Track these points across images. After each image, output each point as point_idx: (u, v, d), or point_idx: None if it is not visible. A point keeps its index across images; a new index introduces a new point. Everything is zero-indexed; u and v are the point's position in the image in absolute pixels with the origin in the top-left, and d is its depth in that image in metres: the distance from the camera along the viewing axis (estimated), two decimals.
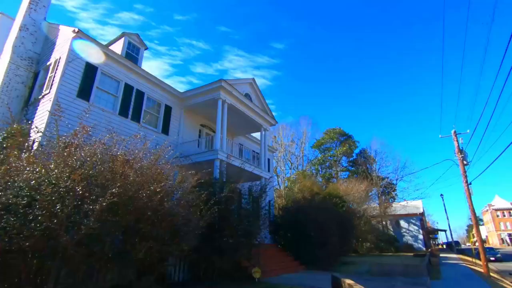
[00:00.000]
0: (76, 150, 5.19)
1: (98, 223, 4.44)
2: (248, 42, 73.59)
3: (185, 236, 6.31)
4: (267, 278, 9.67)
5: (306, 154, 44.24)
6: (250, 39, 74.30)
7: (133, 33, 13.07)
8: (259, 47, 74.10)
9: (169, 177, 6.81)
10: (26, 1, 11.61)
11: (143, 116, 11.88)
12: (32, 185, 4.38)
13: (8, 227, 3.93)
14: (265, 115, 15.88)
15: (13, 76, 10.35)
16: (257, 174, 13.89)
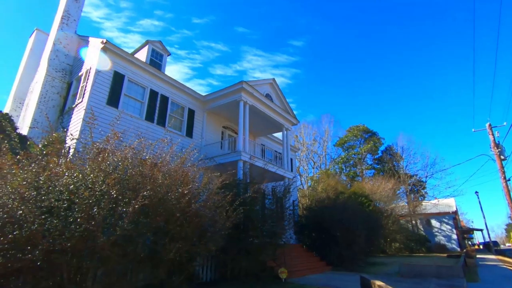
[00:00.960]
0: (108, 155, 5.48)
1: (132, 224, 4.67)
2: (266, 42, 73.61)
3: (212, 237, 6.45)
4: (293, 278, 9.64)
5: (329, 153, 43.53)
6: (268, 38, 74.24)
7: (156, 41, 13.53)
8: (277, 46, 73.87)
9: (195, 179, 7.00)
10: (58, 17, 12.40)
11: (168, 120, 12.28)
12: (71, 189, 4.68)
13: (52, 229, 4.24)
14: (286, 115, 15.83)
15: (49, 87, 11.09)
16: (280, 174, 13.88)
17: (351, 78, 74.02)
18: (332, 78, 75.12)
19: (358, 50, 72.13)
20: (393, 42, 68.41)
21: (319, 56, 74.84)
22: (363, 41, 70.63)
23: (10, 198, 4.26)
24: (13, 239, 4.09)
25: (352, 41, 71.76)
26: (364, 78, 72.88)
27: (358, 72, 73.20)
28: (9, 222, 4.10)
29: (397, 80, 70.67)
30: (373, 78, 72.17)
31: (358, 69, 72.98)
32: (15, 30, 53.13)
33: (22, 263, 4.15)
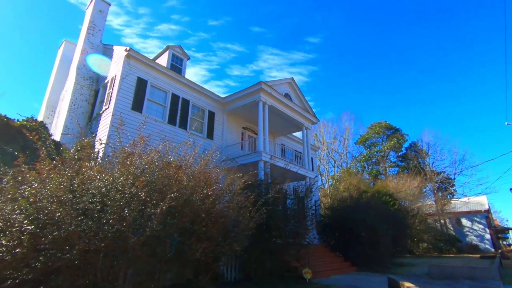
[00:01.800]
0: (136, 159, 5.71)
1: (160, 225, 4.84)
2: (281, 40, 73.04)
3: (236, 237, 6.54)
4: (317, 279, 9.56)
5: (350, 151, 42.59)
6: (284, 37, 73.62)
7: (176, 46, 13.88)
8: (294, 44, 73.05)
9: (218, 180, 7.12)
10: (85, 28, 13.03)
11: (189, 123, 12.56)
12: (103, 192, 4.92)
13: (87, 230, 4.48)
14: (306, 114, 15.71)
15: (78, 95, 11.68)
16: (302, 174, 13.81)
17: (371, 74, 72.04)
18: (351, 74, 73.42)
19: (377, 43, 70.07)
20: (414, 34, 65.82)
21: (336, 52, 73.43)
22: (383, 34, 68.50)
23: (49, 201, 4.54)
24: (53, 239, 4.36)
25: (370, 35, 69.82)
26: (384, 73, 70.69)
27: (378, 67, 71.12)
28: (49, 223, 4.38)
29: (420, 73, 67.93)
30: (394, 72, 69.84)
31: (378, 64, 70.91)
32: (46, 43, 56.29)
33: (61, 262, 4.42)
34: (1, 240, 4.26)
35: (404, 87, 68.94)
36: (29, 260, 4.37)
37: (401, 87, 68.81)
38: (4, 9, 47.96)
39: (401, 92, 69.32)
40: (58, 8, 57.39)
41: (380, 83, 70.86)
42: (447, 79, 64.37)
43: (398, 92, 69.85)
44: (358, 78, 72.76)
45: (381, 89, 70.52)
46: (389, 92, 69.92)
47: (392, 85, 69.67)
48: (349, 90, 72.35)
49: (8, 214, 4.43)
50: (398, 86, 69.50)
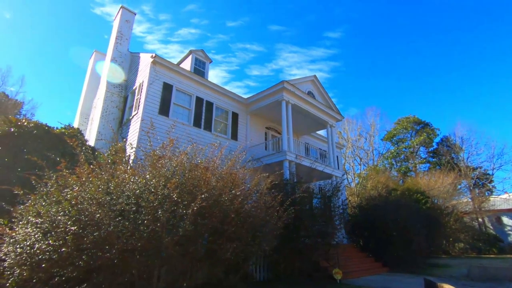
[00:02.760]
0: (166, 161, 5.90)
1: (192, 225, 4.96)
2: (300, 37, 71.95)
3: (265, 237, 6.55)
4: (348, 279, 9.35)
5: (377, 148, 41.19)
6: (303, 34, 72.47)
7: (199, 50, 14.18)
8: (313, 40, 71.72)
9: (245, 180, 7.18)
10: (113, 38, 13.67)
11: (213, 125, 12.78)
12: (137, 194, 5.13)
13: (124, 230, 4.69)
14: (330, 111, 15.43)
15: (109, 102, 12.28)
16: (328, 173, 13.58)
17: (395, 66, 69.05)
18: (374, 68, 70.81)
19: (402, 34, 67.04)
20: (441, 20, 62.12)
21: (358, 46, 71.19)
22: (407, 24, 65.45)
23: (89, 203, 4.81)
24: (94, 239, 4.62)
25: (394, 26, 66.98)
26: (410, 65, 67.48)
27: (403, 59, 68.03)
28: (90, 224, 4.64)
29: (450, 63, 64.10)
30: (421, 64, 66.50)
31: (403, 56, 67.83)
32: (78, 54, 59.73)
33: (102, 260, 4.66)
34: (49, 240, 4.57)
35: (432, 78, 65.50)
36: (73, 259, 4.66)
37: (429, 78, 65.42)
38: (37, 24, 51.49)
39: (430, 84, 65.90)
40: (86, 20, 60.65)
41: (406, 76, 67.82)
42: (479, 67, 60.28)
43: (426, 85, 66.48)
44: (382, 71, 70.08)
45: (408, 82, 67.43)
46: (416, 85, 66.72)
47: (419, 77, 66.44)
48: (373, 85, 69.91)
49: (54, 216, 4.74)
50: (426, 78, 66.14)
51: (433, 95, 64.98)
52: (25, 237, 4.76)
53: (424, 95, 65.65)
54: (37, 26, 50.95)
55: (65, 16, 56.63)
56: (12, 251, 4.80)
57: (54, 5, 53.84)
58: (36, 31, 50.95)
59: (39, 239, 4.70)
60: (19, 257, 4.72)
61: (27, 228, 4.88)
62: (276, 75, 72.48)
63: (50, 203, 4.96)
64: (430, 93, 65.23)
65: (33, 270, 4.76)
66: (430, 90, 65.34)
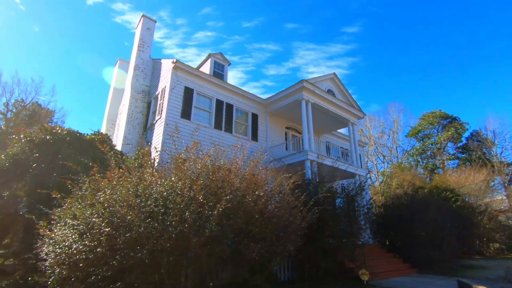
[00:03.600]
0: (191, 164, 6.05)
1: (218, 226, 5.06)
2: (317, 34, 70.67)
3: (289, 237, 6.54)
4: (376, 280, 9.13)
5: (401, 145, 39.84)
6: (319, 30, 71.12)
7: (217, 53, 14.40)
8: (330, 36, 70.26)
9: (267, 181, 7.21)
10: (136, 45, 14.19)
11: (234, 127, 12.92)
12: (164, 196, 5.31)
13: (153, 231, 4.87)
14: (351, 109, 15.13)
15: (134, 108, 12.76)
16: (351, 172, 13.34)
17: (417, 60, 66.26)
18: (395, 61, 68.25)
19: (423, 26, 64.25)
20: (467, 7, 58.76)
21: (377, 40, 68.98)
22: (428, 14, 62.61)
23: (120, 206, 5.04)
24: (125, 240, 4.83)
25: (414, 17, 64.26)
26: (434, 57, 64.48)
27: (425, 51, 65.15)
28: (122, 226, 4.85)
29: (478, 54, 60.59)
30: (445, 56, 63.39)
31: (426, 48, 64.98)
32: (105, 63, 62.50)
33: (134, 260, 4.86)
34: (85, 241, 4.84)
35: (459, 70, 62.29)
36: (107, 258, 4.90)
37: (455, 71, 62.27)
38: (63, 35, 54.35)
39: (456, 76, 62.71)
40: (108, 29, 63.23)
41: (430, 69, 64.93)
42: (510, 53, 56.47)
43: (452, 77, 63.32)
44: (403, 65, 67.51)
45: (432, 76, 64.53)
46: (441, 78, 63.73)
47: (444, 70, 63.40)
48: (394, 80, 67.54)
49: (88, 218, 5.01)
50: (452, 70, 63.00)
51: (460, 88, 61.84)
52: (64, 238, 5.07)
53: (450, 88, 62.62)
54: (64, 37, 53.83)
55: (89, 27, 59.40)
56: (52, 251, 5.12)
57: (79, 17, 56.66)
58: (63, 42, 53.85)
59: (76, 240, 4.98)
60: (58, 257, 5.03)
61: (65, 229, 5.18)
62: (293, 74, 71.83)
63: (85, 205, 5.25)
64: (457, 86, 62.12)
65: (71, 269, 5.05)
66: (457, 83, 62.23)
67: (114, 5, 55.83)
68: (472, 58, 60.90)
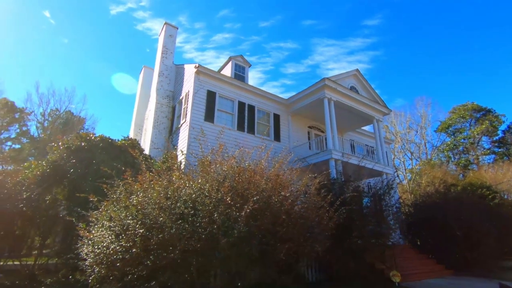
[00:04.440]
0: (217, 166, 6.18)
1: (246, 227, 5.14)
2: (336, 29, 68.88)
3: (317, 238, 6.50)
4: (408, 282, 8.82)
5: (429, 140, 38.05)
6: (338, 25, 69.25)
7: (238, 55, 14.57)
8: (350, 30, 68.28)
9: (293, 181, 7.20)
10: (159, 52, 14.69)
11: (256, 128, 13.00)
12: (193, 198, 5.47)
13: (184, 232, 5.04)
14: (376, 105, 14.71)
15: (160, 113, 13.21)
16: (378, 170, 12.97)
17: (444, 50, 62.84)
18: (419, 54, 65.03)
19: (448, 13, 60.80)
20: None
21: (400, 31, 66.17)
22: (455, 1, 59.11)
23: (152, 208, 5.25)
24: (158, 241, 5.03)
25: (440, 3, 60.98)
26: (462, 47, 60.80)
27: (452, 40, 61.58)
28: (155, 227, 5.06)
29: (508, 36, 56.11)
30: (476, 43, 59.57)
31: (452, 37, 61.42)
32: (129, 70, 65.13)
33: (166, 260, 5.05)
34: (121, 241, 5.09)
35: (492, 58, 58.35)
36: (141, 258, 5.12)
37: (488, 58, 58.39)
38: (92, 45, 57.21)
39: (489, 65, 58.78)
40: (130, 36, 65.71)
41: (457, 60, 61.43)
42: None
43: (484, 67, 59.44)
44: (428, 57, 64.29)
45: (460, 66, 61.02)
46: (471, 68, 60.09)
47: (474, 60, 59.72)
48: (420, 72, 64.53)
49: (123, 220, 5.27)
50: (484, 58, 59.13)
51: (494, 78, 57.98)
52: (101, 239, 5.37)
53: (483, 79, 58.87)
54: (90, 47, 56.70)
55: (113, 35, 62.09)
56: (92, 251, 5.44)
57: (103, 27, 59.48)
58: (89, 51, 56.74)
59: (112, 240, 5.26)
60: (97, 257, 5.34)
61: (102, 231, 5.49)
62: (313, 71, 70.75)
63: (120, 208, 5.52)
64: (490, 76, 58.30)
65: (109, 268, 5.34)
66: (490, 72, 58.39)
67: (135, 13, 58.01)
68: (507, 43, 56.83)
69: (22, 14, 44.76)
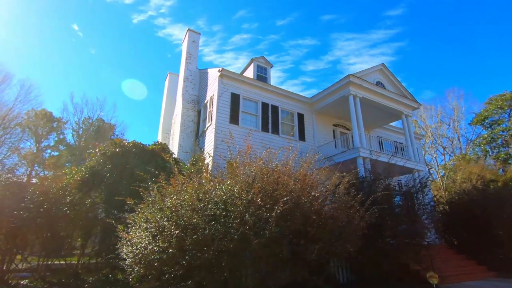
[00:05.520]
0: (245, 168, 6.28)
1: (277, 228, 5.18)
2: (356, 22, 66.54)
3: (348, 238, 6.40)
4: (447, 284, 8.42)
5: (464, 134, 35.95)
6: (358, 18, 66.81)
7: (259, 57, 14.68)
8: (371, 23, 65.73)
9: (321, 181, 7.14)
10: (183, 58, 15.13)
11: (280, 128, 13.00)
12: (224, 199, 5.61)
13: (217, 233, 5.18)
14: (404, 100, 14.19)
15: (186, 117, 13.61)
16: (410, 167, 12.49)
17: (474, 37, 58.79)
18: (447, 42, 61.34)
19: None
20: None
21: (426, 19, 62.51)
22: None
23: (186, 210, 5.45)
24: (192, 241, 5.21)
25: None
26: (496, 30, 56.46)
27: (483, 26, 57.41)
28: (189, 228, 5.24)
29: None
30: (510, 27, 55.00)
31: (484, 22, 57.23)
32: (155, 78, 67.44)
33: (201, 260, 5.21)
34: (158, 242, 5.33)
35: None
36: (177, 258, 5.33)
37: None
38: (118, 55, 59.93)
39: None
40: (153, 43, 67.96)
41: (491, 45, 57.21)
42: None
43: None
44: (459, 44, 60.47)
45: (495, 52, 56.81)
46: (509, 53, 55.71)
47: (509, 44, 55.29)
48: (450, 62, 61.04)
49: (159, 221, 5.51)
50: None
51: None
52: (140, 240, 5.64)
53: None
54: (116, 56, 59.43)
55: (136, 43, 64.52)
56: (131, 252, 5.74)
57: (126, 36, 62.04)
58: (115, 60, 59.48)
59: (149, 241, 5.51)
60: (136, 257, 5.62)
61: (140, 232, 5.77)
62: (333, 67, 69.25)
63: (155, 210, 5.78)
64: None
65: (147, 268, 5.60)
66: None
67: (156, 21, 59.93)
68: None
69: (53, 30, 47.99)
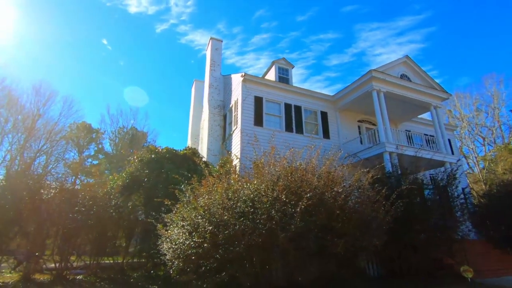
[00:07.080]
0: (270, 167, 6.69)
1: (302, 222, 5.52)
2: (380, 10, 63.34)
3: (374, 232, 6.55)
4: (483, 279, 8.21)
5: (505, 122, 33.41)
6: (382, 5, 63.49)
7: (280, 59, 15.00)
8: (396, 9, 62.24)
9: (344, 177, 7.35)
10: (208, 66, 15.88)
11: (304, 127, 13.24)
12: (251, 197, 6.05)
13: (246, 229, 5.63)
14: (431, 91, 13.80)
15: (213, 122, 14.31)
16: (439, 159, 12.17)
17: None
18: (483, 24, 56.60)
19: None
20: None
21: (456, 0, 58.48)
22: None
23: (217, 208, 5.96)
24: (224, 237, 5.70)
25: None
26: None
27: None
28: (221, 224, 5.75)
29: None
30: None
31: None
32: (181, 84, 69.88)
33: (233, 254, 5.69)
34: (194, 238, 5.89)
35: None
36: (211, 252, 5.85)
37: None
38: (146, 66, 63.02)
39: None
40: (176, 50, 70.33)
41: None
42: None
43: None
44: (496, 25, 55.81)
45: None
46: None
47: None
48: (486, 46, 56.63)
49: (194, 219, 6.08)
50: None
51: None
52: (177, 236, 6.25)
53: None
54: (142, 66, 62.52)
55: (161, 52, 67.23)
56: (170, 248, 6.37)
57: (154, 46, 64.89)
58: (142, 70, 62.59)
59: (186, 237, 6.09)
60: (175, 252, 6.23)
61: (177, 229, 6.38)
62: (359, 60, 67.15)
63: (190, 209, 6.36)
64: None
65: (185, 261, 6.18)
66: None
67: (178, 29, 62.00)
68: None
69: (86, 47, 51.66)
